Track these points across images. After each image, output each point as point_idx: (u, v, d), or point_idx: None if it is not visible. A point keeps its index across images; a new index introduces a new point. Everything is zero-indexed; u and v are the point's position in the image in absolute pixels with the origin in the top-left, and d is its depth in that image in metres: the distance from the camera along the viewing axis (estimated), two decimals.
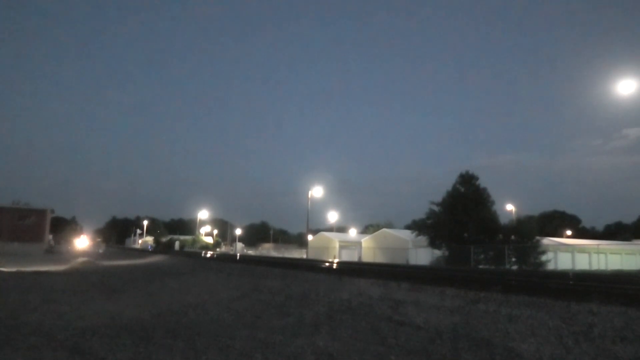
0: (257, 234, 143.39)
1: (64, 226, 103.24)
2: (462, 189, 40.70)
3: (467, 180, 40.98)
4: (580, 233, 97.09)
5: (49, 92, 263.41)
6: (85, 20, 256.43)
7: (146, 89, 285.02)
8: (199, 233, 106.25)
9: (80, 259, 30.12)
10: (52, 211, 57.97)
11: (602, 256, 48.04)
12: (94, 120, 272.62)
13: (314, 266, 24.21)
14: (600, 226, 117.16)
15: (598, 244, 50.91)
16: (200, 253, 55.73)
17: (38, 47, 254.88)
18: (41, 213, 53.75)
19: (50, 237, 58.56)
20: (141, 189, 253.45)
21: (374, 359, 5.36)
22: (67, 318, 8.17)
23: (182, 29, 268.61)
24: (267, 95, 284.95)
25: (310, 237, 69.16)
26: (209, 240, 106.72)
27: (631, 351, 5.62)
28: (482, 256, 37.38)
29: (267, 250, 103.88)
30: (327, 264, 27.65)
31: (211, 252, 61.71)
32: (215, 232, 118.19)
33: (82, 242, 76.52)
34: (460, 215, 38.76)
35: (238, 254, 58.41)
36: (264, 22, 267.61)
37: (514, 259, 36.77)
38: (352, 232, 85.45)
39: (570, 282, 14.87)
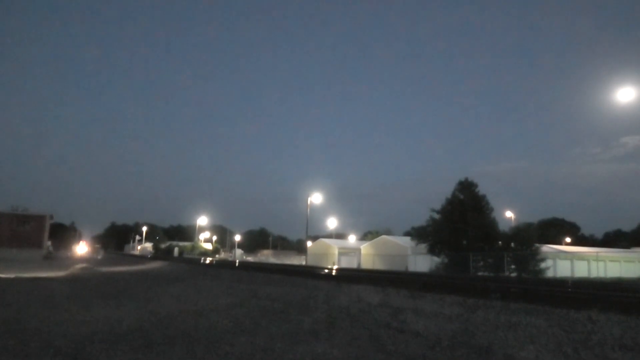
0: (256, 240, 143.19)
1: (62, 232, 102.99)
2: (462, 196, 40.74)
3: (466, 187, 41.03)
4: (579, 241, 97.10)
5: (48, 99, 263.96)
6: (88, 28, 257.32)
7: (146, 97, 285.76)
8: (198, 239, 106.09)
9: (79, 265, 30.10)
10: (51, 217, 57.88)
11: (601, 264, 48.03)
12: (94, 127, 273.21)
13: (313, 273, 24.21)
14: (599, 234, 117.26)
15: (597, 252, 50.89)
16: (199, 259, 55.66)
17: (38, 53, 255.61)
18: (40, 219, 53.66)
19: (49, 243, 58.46)
20: (140, 196, 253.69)
21: None
22: (66, 324, 8.15)
23: (182, 37, 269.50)
24: (266, 102, 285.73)
25: (309, 244, 69.16)
26: (208, 246, 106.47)
27: (630, 359, 5.62)
28: (481, 263, 37.38)
29: (266, 256, 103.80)
30: (326, 271, 27.65)
31: (210, 259, 61.61)
32: (214, 238, 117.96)
33: (81, 248, 76.34)
34: (460, 222, 38.78)
35: (237, 261, 58.37)
36: (266, 29, 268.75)
37: (513, 266, 36.76)
38: (352, 239, 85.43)
39: (569, 290, 14.88)
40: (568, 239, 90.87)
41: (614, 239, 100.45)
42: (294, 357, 5.75)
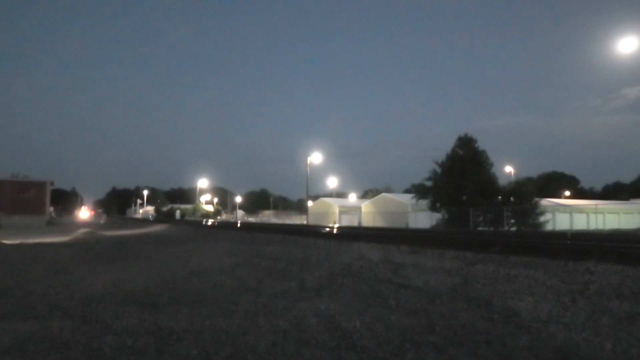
0: (257, 201, 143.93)
1: (64, 198, 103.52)
2: (461, 152, 40.68)
3: (466, 143, 40.91)
4: (578, 193, 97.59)
5: (47, 63, 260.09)
6: None
7: (143, 59, 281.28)
8: (199, 202, 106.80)
9: (82, 230, 30.33)
10: (52, 183, 58.05)
11: (600, 216, 48.41)
12: (92, 92, 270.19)
13: (314, 232, 24.42)
14: (598, 186, 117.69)
15: (596, 204, 51.23)
16: (201, 221, 56.18)
17: (34, 17, 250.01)
18: (41, 185, 53.87)
19: (52, 209, 58.83)
20: (140, 159, 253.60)
21: (374, 320, 5.47)
22: (72, 287, 8.28)
23: None
24: (265, 61, 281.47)
25: (310, 204, 69.57)
26: (210, 208, 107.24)
27: (626, 307, 5.73)
28: (481, 218, 37.71)
29: (268, 217, 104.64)
30: (327, 230, 27.88)
31: (212, 220, 62.15)
32: (216, 200, 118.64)
33: (83, 213, 76.88)
34: (459, 178, 38.86)
35: (239, 222, 58.86)
36: None
37: (512, 221, 37.10)
38: (352, 198, 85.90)
39: (568, 242, 15.04)
40: (567, 192, 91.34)
41: (614, 191, 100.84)
42: (297, 314, 5.87)
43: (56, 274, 10.23)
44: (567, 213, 48.37)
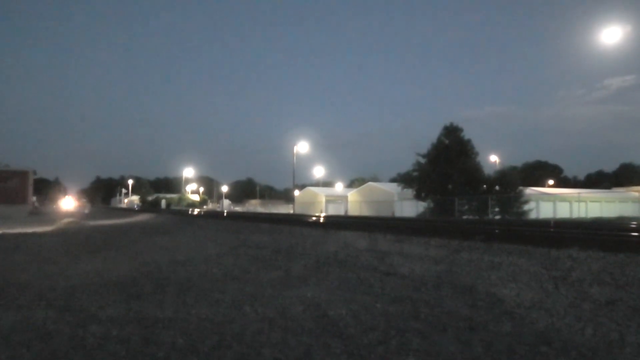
0: (244, 190, 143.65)
1: (47, 187, 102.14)
2: (447, 141, 40.87)
3: (452, 132, 41.10)
4: (562, 182, 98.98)
5: (30, 51, 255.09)
6: None
7: (129, 48, 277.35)
8: (185, 191, 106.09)
9: (66, 220, 29.95)
10: (34, 172, 57.17)
11: (582, 204, 49.12)
12: (76, 80, 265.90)
13: (301, 221, 24.46)
14: (581, 175, 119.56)
15: (579, 193, 51.96)
16: (187, 211, 55.90)
17: (16, 6, 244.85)
18: (23, 174, 52.98)
19: (34, 198, 58.02)
20: (125, 148, 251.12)
21: (360, 308, 5.50)
22: (55, 277, 8.20)
23: None
24: (252, 51, 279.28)
25: (296, 193, 69.62)
26: (195, 198, 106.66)
27: (607, 293, 5.84)
28: (466, 207, 38.04)
29: (254, 206, 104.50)
30: (313, 219, 27.93)
31: (198, 210, 61.87)
32: (202, 189, 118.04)
33: (67, 203, 76.02)
34: (445, 167, 39.09)
35: (225, 211, 58.69)
36: None
37: (497, 209, 37.49)
38: (338, 187, 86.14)
39: (551, 230, 15.25)
40: (551, 181, 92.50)
41: (596, 180, 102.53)
42: (283, 302, 5.88)
43: (39, 264, 10.11)
44: (551, 201, 49.04)
